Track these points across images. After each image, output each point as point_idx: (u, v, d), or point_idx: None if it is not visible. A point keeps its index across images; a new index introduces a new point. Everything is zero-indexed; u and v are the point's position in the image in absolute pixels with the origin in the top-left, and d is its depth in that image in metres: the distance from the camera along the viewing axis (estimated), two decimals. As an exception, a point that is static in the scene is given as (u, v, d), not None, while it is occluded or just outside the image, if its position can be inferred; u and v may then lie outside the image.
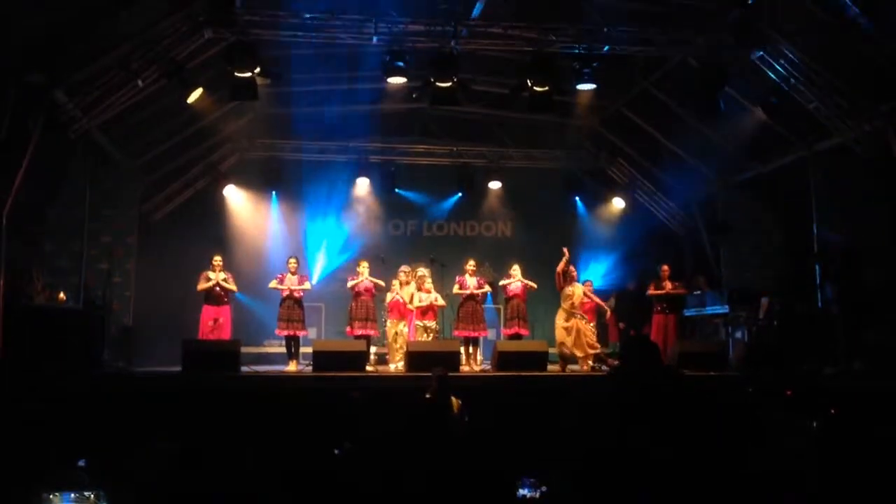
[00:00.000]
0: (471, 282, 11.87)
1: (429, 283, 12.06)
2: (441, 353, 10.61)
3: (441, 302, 12.04)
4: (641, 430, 3.92)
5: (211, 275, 11.64)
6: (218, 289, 11.65)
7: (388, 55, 10.88)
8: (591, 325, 12.14)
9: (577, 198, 16.86)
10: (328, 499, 3.86)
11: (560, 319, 11.72)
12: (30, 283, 10.38)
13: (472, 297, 11.83)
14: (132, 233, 13.51)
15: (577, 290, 11.78)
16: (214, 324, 11.54)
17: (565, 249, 11.91)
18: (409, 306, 11.99)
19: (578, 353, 11.46)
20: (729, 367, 11.25)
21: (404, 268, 12.41)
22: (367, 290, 11.78)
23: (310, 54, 11.95)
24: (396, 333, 11.81)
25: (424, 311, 11.92)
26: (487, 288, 12.17)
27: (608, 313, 13.96)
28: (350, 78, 13.61)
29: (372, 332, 11.84)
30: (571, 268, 11.94)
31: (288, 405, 8.55)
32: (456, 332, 11.88)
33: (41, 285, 10.59)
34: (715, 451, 3.82)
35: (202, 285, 11.60)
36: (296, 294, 11.61)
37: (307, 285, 11.87)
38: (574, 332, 11.51)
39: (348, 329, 11.80)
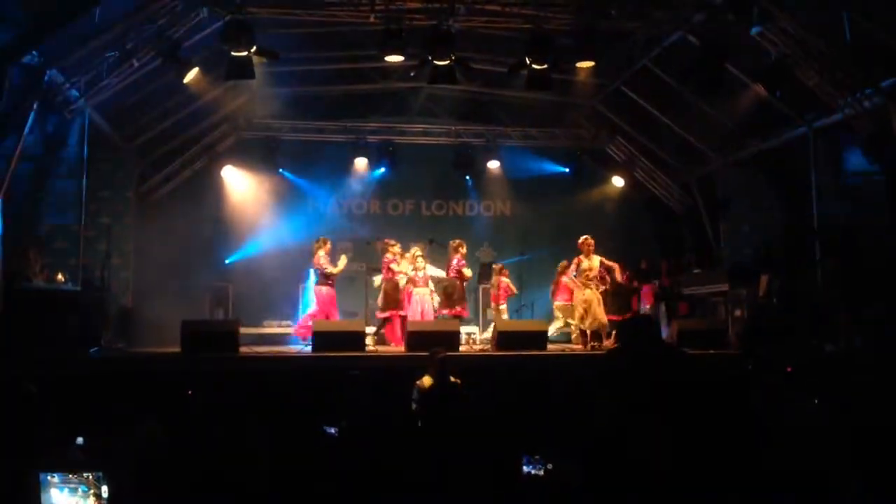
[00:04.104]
0: None
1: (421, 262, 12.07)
2: (441, 332, 10.60)
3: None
4: (641, 410, 3.90)
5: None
6: None
7: (386, 33, 10.78)
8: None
9: (575, 176, 16.77)
10: (325, 479, 3.85)
11: (578, 293, 11.73)
12: (28, 265, 10.35)
13: None
14: (130, 213, 13.48)
15: (594, 263, 11.71)
16: None
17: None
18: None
19: (590, 326, 11.46)
20: (729, 345, 11.25)
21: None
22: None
23: (307, 33, 11.84)
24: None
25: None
26: None
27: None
28: (348, 57, 13.52)
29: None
30: (590, 239, 11.86)
31: (288, 385, 8.56)
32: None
33: (39, 266, 10.56)
34: (715, 432, 3.80)
35: (339, 268, 11.70)
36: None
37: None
38: (588, 304, 11.53)
39: (390, 312, 11.95)
